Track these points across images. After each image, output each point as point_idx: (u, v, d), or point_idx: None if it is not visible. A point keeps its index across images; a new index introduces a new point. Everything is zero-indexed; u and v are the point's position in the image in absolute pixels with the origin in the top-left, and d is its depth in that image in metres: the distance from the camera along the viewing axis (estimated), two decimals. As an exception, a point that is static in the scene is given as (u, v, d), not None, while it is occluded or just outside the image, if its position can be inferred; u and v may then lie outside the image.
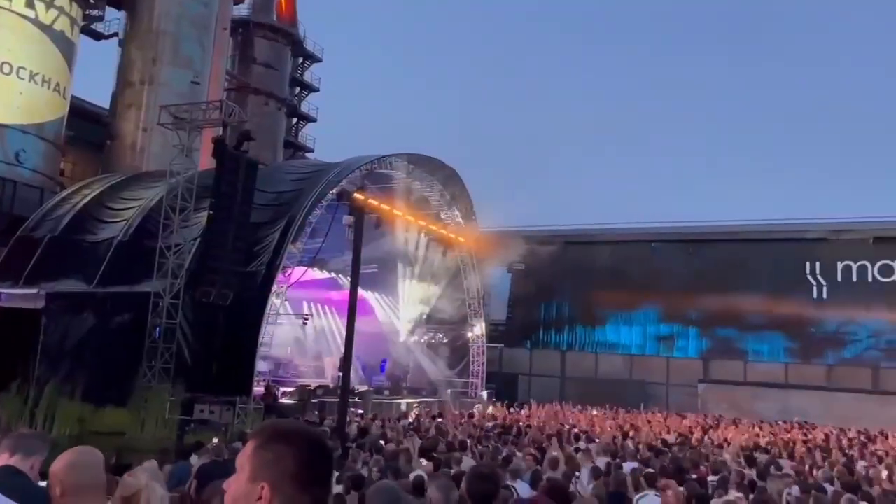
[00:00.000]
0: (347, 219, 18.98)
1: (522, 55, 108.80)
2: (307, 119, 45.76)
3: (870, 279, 28.94)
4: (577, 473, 9.01)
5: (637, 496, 7.46)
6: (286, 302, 20.36)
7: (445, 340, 30.15)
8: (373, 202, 20.11)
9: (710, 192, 78.87)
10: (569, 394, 29.91)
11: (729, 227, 32.37)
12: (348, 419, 15.58)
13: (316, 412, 18.84)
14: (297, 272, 21.02)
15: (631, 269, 31.83)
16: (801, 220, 32.19)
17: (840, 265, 29.43)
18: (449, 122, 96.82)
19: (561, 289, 33.74)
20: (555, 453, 10.76)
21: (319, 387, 23.38)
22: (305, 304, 27.34)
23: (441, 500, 4.11)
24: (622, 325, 32.77)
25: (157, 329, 17.36)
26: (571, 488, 7.52)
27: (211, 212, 16.49)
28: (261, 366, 19.82)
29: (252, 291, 17.71)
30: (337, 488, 6.63)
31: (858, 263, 29.18)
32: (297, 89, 44.74)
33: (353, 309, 16.53)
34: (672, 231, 33.27)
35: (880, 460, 13.32)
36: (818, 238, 30.29)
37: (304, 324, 25.57)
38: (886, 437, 18.62)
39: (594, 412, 22.91)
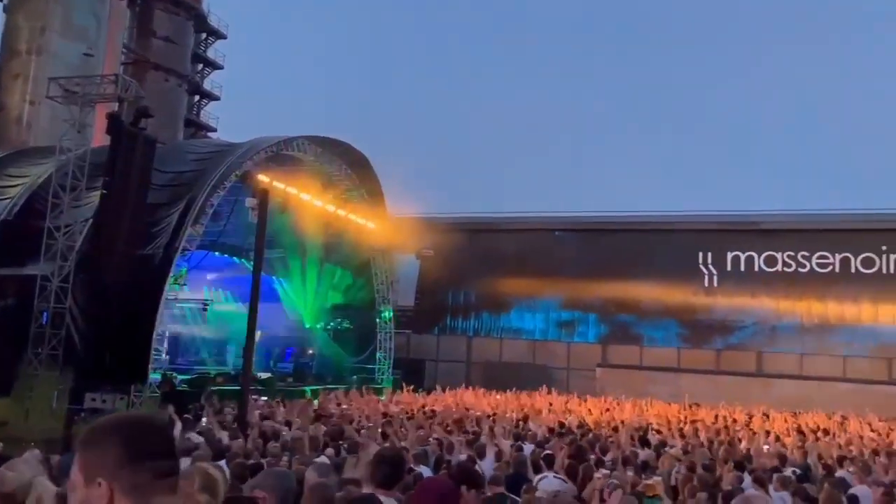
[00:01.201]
0: (251, 201, 18.49)
1: (442, 42, 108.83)
2: (210, 97, 44.15)
3: (756, 269, 30.72)
4: (479, 458, 9.14)
5: (537, 478, 7.63)
6: (185, 286, 19.68)
7: (352, 327, 29.99)
8: (278, 185, 19.66)
9: (609, 182, 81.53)
10: (474, 378, 30.31)
11: (628, 218, 33.53)
12: (250, 407, 15.26)
13: (215, 400, 18.36)
14: (197, 255, 20.38)
15: (535, 257, 32.52)
16: (696, 211, 33.77)
17: (730, 255, 31.05)
18: (360, 106, 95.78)
19: (468, 276, 34.07)
20: (458, 437, 10.90)
21: (220, 374, 22.81)
22: (206, 289, 26.57)
23: (315, 479, 4.08)
24: (526, 312, 33.48)
25: (45, 314, 16.53)
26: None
27: (104, 191, 15.73)
28: (157, 352, 19.12)
29: (148, 275, 17.01)
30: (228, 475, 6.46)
31: (746, 254, 30.88)
32: (200, 66, 43.08)
33: (255, 294, 16.14)
34: (574, 220, 34.17)
35: (761, 437, 14.19)
36: (711, 229, 31.87)
37: (204, 309, 24.82)
38: (768, 417, 19.86)
39: (497, 396, 23.33)
